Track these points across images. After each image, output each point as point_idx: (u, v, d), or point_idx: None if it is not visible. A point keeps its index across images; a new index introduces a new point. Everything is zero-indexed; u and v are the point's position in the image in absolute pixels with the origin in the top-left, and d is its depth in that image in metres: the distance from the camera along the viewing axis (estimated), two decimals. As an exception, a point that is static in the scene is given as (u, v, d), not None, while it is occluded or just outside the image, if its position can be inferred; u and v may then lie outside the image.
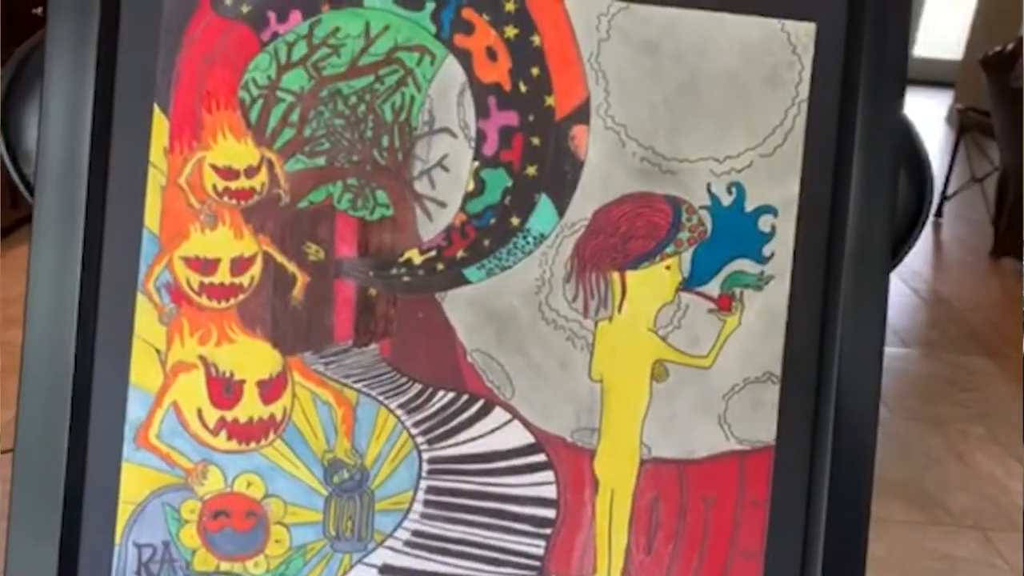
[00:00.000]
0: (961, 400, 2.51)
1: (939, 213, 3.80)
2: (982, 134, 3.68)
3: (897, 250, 0.65)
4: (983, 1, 5.12)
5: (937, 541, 1.94)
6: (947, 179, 3.82)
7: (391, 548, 0.59)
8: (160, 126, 0.58)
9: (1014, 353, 2.76)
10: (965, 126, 3.75)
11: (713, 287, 0.59)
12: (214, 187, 0.58)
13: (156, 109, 0.57)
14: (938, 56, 6.20)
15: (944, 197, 3.80)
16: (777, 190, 0.59)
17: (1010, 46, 3.24)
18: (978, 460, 2.23)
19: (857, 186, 0.59)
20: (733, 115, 0.58)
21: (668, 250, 0.59)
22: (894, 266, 0.63)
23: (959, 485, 2.12)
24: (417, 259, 0.59)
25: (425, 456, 0.59)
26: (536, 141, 0.58)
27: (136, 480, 0.58)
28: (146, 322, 0.58)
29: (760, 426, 0.59)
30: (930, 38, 6.34)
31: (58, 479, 0.56)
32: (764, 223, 0.59)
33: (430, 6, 0.58)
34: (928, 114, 5.45)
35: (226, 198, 0.58)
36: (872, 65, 0.59)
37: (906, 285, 3.19)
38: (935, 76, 5.88)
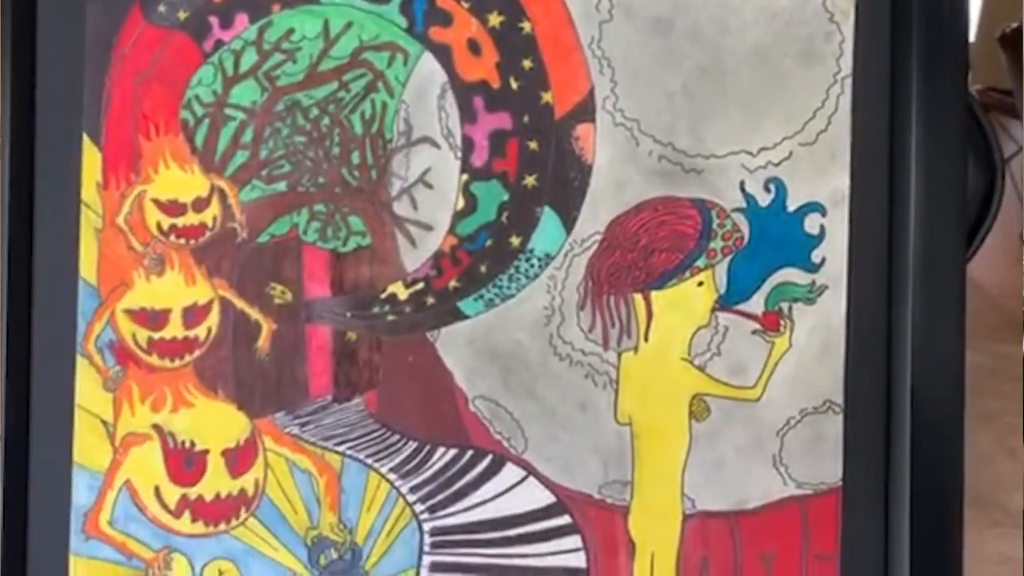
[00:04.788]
0: (1006, 392, 2.41)
1: (966, 198, 3.68)
2: (1004, 113, 3.57)
3: (968, 241, 0.55)
4: (994, -22, 4.99)
5: (998, 544, 1.82)
6: (972, 162, 3.71)
7: (393, 639, 0.50)
8: (91, 158, 0.50)
9: (1057, 339, 2.64)
10: (985, 106, 3.64)
11: (756, 304, 0.50)
12: (158, 225, 0.49)
13: (85, 138, 0.50)
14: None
15: (970, 181, 3.68)
16: (824, 184, 0.50)
17: (1029, 21, 3.13)
18: (1030, 455, 2.12)
19: (919, 172, 0.50)
20: (765, 99, 0.50)
21: (699, 263, 0.50)
22: (967, 261, 0.53)
23: (1014, 483, 2.01)
24: (402, 294, 0.50)
25: (426, 527, 0.50)
26: (534, 145, 0.49)
27: (88, 576, 0.50)
28: (88, 389, 0.50)
29: (823, 465, 0.50)
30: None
31: (-6, 582, 0.48)
32: (811, 224, 0.50)
33: (398, -5, 0.49)
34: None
35: (173, 237, 0.49)
36: (926, 28, 0.50)
37: (939, 274, 3.07)
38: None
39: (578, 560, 0.50)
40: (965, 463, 0.49)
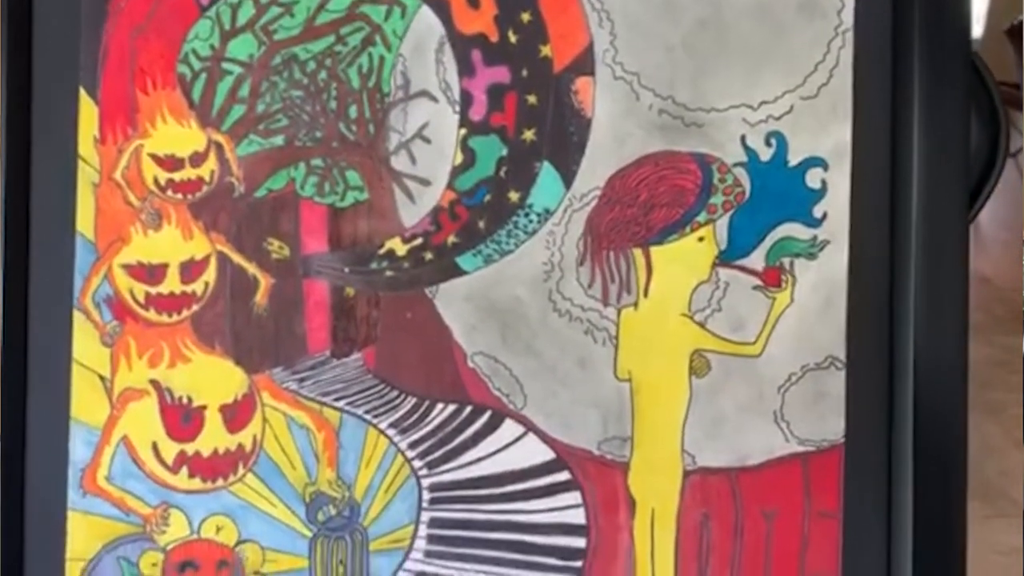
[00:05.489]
0: (1014, 384, 2.39)
1: (973, 191, 3.67)
2: (1012, 107, 3.55)
3: (971, 201, 0.55)
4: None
5: (1004, 534, 1.81)
6: (979, 155, 3.69)
7: (392, 595, 0.50)
8: (88, 112, 0.49)
9: (1064, 332, 2.63)
10: (994, 100, 3.62)
11: (757, 259, 0.49)
12: (155, 180, 0.49)
13: (82, 92, 0.50)
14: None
15: (977, 174, 3.66)
16: (825, 138, 0.49)
17: (1037, 12, 3.12)
18: (1038, 446, 2.11)
19: (921, 127, 0.49)
20: (766, 52, 0.49)
21: (700, 218, 0.49)
22: (970, 220, 0.53)
23: (1020, 474, 2.00)
24: (400, 249, 0.49)
25: (425, 483, 0.50)
26: (532, 99, 0.49)
27: (85, 532, 0.50)
28: (86, 344, 0.50)
29: (825, 422, 0.49)
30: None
31: (-8, 537, 0.48)
32: (812, 178, 0.49)
33: (396, -52, 0.49)
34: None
35: (170, 192, 0.49)
36: (929, -20, 0.49)
37: (946, 266, 3.07)
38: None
39: (577, 516, 0.50)
40: (973, 453, 0.49)
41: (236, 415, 0.49)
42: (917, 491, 0.49)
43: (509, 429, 0.50)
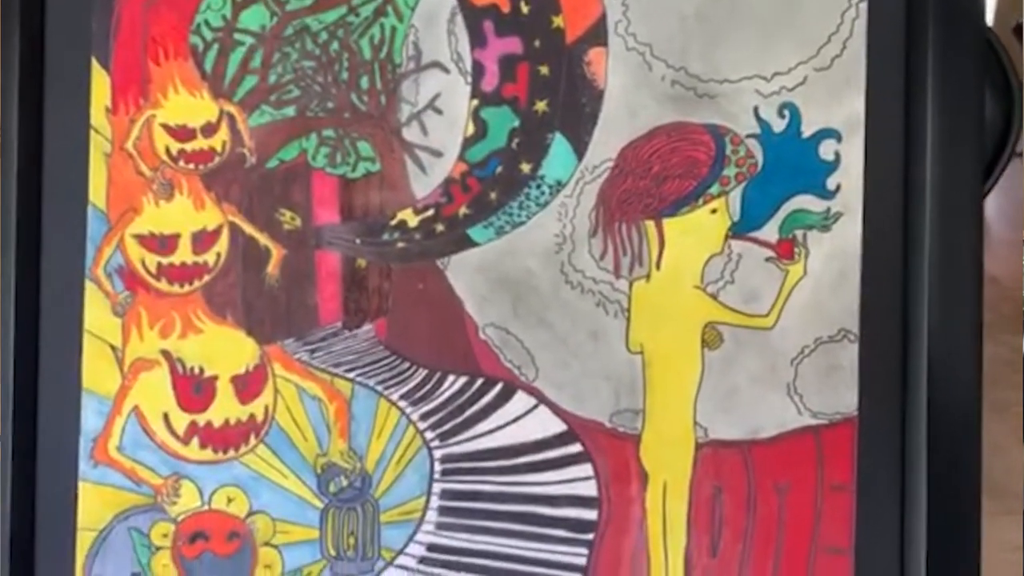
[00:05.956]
0: (1018, 382, 2.39)
1: (980, 190, 3.66)
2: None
3: (985, 175, 0.54)
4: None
5: (1011, 532, 1.81)
6: (985, 154, 3.68)
7: (403, 567, 0.50)
8: (100, 82, 0.49)
9: (1072, 331, 2.62)
10: (1000, 98, 3.61)
11: (770, 231, 0.49)
12: (167, 150, 0.49)
13: (94, 63, 0.50)
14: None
15: (984, 173, 3.66)
16: (839, 109, 0.49)
17: (1044, 10, 3.11)
18: (1043, 444, 2.10)
19: (935, 100, 0.49)
20: (780, 23, 0.49)
21: (712, 190, 0.49)
22: (984, 195, 0.52)
23: (1024, 472, 1.99)
24: (412, 220, 0.49)
25: (437, 454, 0.50)
26: (544, 71, 0.49)
27: (96, 502, 0.50)
28: (97, 314, 0.50)
29: (838, 395, 0.49)
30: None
31: (3, 505, 0.48)
32: (826, 150, 0.49)
33: (408, -82, 0.49)
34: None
35: (182, 162, 0.49)
36: (943, -48, 0.49)
37: (953, 265, 3.05)
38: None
39: (589, 489, 0.49)
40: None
41: (247, 386, 0.49)
42: (931, 462, 0.48)
43: (520, 401, 0.50)
